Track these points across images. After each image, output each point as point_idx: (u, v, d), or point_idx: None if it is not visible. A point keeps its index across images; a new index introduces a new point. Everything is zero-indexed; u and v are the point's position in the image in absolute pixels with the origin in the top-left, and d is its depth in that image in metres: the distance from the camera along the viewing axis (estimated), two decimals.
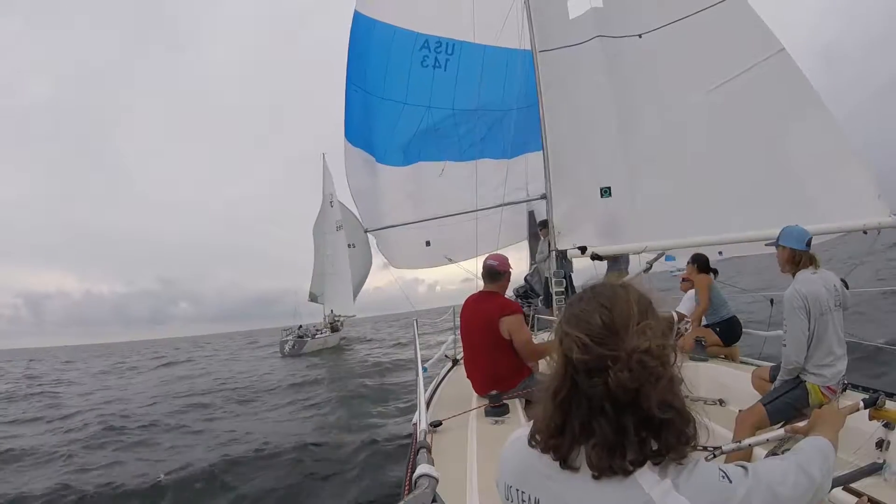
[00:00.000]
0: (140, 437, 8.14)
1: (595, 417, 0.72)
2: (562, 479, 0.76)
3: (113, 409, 11.06)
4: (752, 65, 3.79)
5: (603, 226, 4.43)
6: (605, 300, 0.77)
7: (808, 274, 2.55)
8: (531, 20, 4.65)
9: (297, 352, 23.68)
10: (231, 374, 17.79)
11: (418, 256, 6.98)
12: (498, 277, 3.22)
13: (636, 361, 0.70)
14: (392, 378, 12.42)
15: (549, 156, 4.58)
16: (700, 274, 4.47)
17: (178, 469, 6.00)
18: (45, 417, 10.90)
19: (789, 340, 2.49)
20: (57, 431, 9.26)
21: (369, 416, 8.33)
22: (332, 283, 27.24)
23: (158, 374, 20.35)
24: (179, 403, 11.27)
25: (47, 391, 16.09)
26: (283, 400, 10.86)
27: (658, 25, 4.11)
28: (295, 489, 5.18)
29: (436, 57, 6.65)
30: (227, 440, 7.45)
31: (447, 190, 6.81)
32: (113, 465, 6.60)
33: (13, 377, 23.68)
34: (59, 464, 6.90)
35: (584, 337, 0.74)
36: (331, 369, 16.64)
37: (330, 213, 27.36)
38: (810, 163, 3.67)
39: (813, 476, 0.82)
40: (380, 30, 6.47)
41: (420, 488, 1.21)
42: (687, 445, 0.72)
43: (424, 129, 6.87)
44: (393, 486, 4.74)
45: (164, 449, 7.32)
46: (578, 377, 0.74)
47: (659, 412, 0.70)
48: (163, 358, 30.82)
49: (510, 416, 2.70)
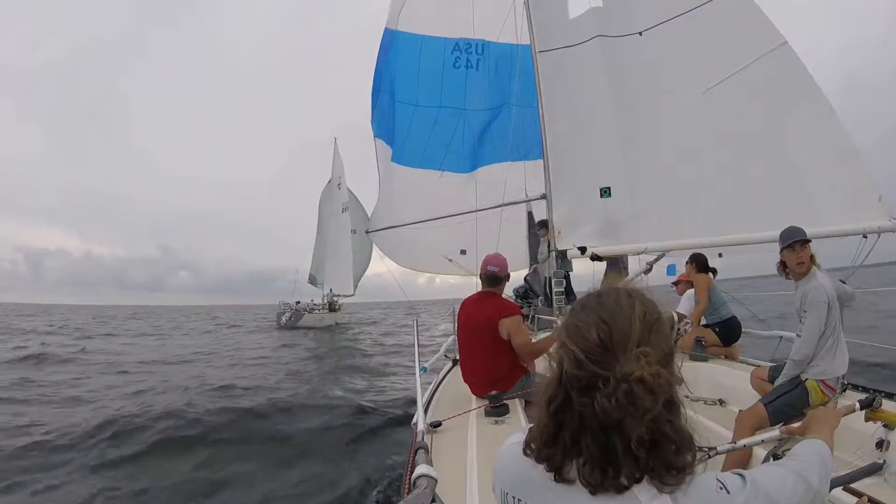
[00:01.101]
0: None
1: (584, 434, 0.70)
2: (558, 491, 0.74)
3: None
4: (754, 59, 3.71)
5: (603, 226, 4.42)
6: (606, 314, 0.73)
7: (822, 272, 2.60)
8: (531, 20, 4.65)
9: (292, 324, 24.19)
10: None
11: (433, 260, 7.04)
12: (499, 282, 3.22)
13: (623, 391, 0.65)
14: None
15: (549, 156, 4.58)
16: (699, 273, 4.47)
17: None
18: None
19: (806, 332, 2.49)
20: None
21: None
22: (332, 263, 27.62)
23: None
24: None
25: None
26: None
27: (659, 21, 4.07)
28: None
29: (467, 58, 6.76)
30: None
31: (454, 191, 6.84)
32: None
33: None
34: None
35: (578, 352, 0.70)
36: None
37: (337, 195, 27.71)
38: (811, 163, 3.63)
39: (811, 482, 0.82)
40: (408, 40, 6.64)
41: (419, 488, 1.21)
42: (683, 473, 0.69)
43: (463, 131, 6.93)
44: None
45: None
46: (571, 391, 0.71)
47: (649, 440, 0.66)
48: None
49: (510, 416, 2.69)
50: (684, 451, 0.69)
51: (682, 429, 0.70)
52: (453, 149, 6.97)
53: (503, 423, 2.61)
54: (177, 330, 28.44)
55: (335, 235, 27.28)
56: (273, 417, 6.97)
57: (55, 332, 25.15)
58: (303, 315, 25.12)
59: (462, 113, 6.93)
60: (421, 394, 2.66)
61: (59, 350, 15.61)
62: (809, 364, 2.50)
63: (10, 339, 19.90)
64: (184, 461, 5.38)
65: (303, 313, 25.31)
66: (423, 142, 6.88)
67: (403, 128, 6.87)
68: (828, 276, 2.58)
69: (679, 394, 0.72)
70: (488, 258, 3.27)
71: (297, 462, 6.09)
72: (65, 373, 11.34)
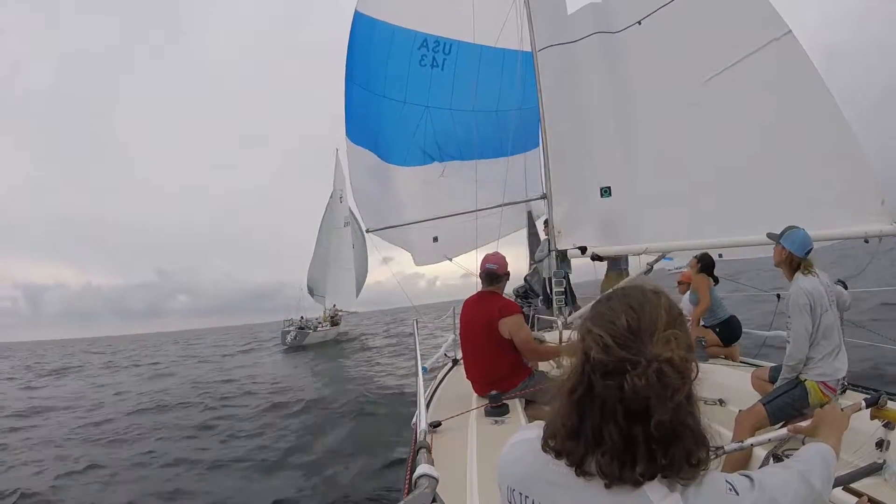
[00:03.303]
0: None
1: (606, 423, 0.70)
2: (567, 487, 0.74)
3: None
4: (756, 49, 3.56)
5: (603, 226, 4.41)
6: (635, 302, 0.75)
7: (812, 275, 2.58)
8: (531, 17, 4.64)
9: (298, 342, 24.14)
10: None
11: (430, 253, 7.05)
12: (498, 280, 3.23)
13: (655, 370, 0.67)
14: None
15: (549, 155, 4.57)
16: (700, 273, 4.46)
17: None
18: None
19: (794, 337, 2.50)
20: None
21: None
22: (334, 277, 27.72)
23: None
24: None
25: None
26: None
27: (658, 6, 3.98)
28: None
29: (433, 57, 6.68)
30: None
31: (448, 190, 6.84)
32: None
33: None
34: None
35: (606, 337, 0.71)
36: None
37: (339, 209, 27.80)
38: (814, 163, 3.57)
39: (814, 485, 0.83)
40: (380, 29, 6.49)
41: (420, 488, 1.21)
42: (697, 468, 0.70)
43: (425, 128, 6.89)
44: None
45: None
46: (595, 378, 0.72)
47: (670, 427, 0.68)
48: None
49: (510, 416, 2.70)
50: (701, 445, 0.71)
51: (700, 423, 0.72)
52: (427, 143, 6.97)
53: (503, 423, 2.61)
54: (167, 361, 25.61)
55: (336, 249, 27.41)
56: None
57: (11, 377, 22.53)
58: (308, 333, 25.03)
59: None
60: (421, 394, 2.67)
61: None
62: (810, 365, 2.50)
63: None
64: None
65: (308, 331, 25.22)
66: (401, 137, 6.88)
67: (385, 121, 6.80)
68: (818, 279, 2.55)
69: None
70: (487, 257, 3.29)
71: (297, 461, 6.11)
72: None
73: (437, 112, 6.90)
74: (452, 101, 6.89)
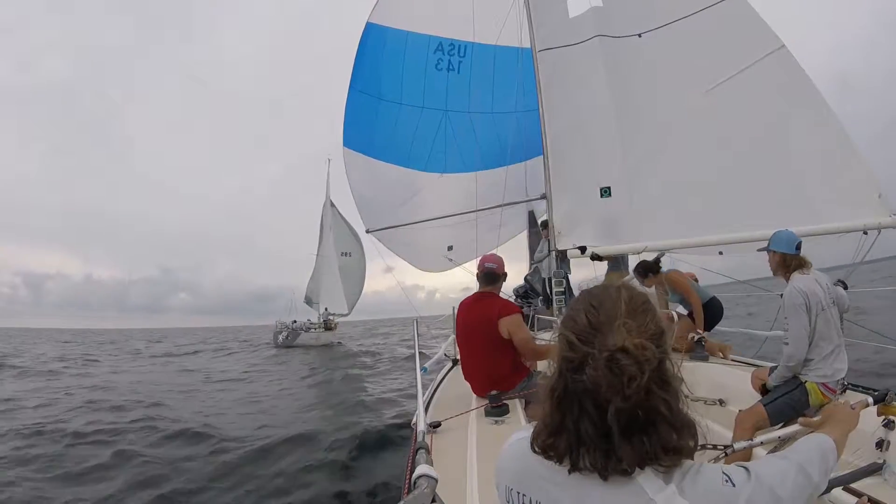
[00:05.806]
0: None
1: (582, 419, 0.72)
2: (561, 483, 0.75)
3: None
4: (752, 62, 3.76)
5: (603, 226, 4.42)
6: (595, 299, 0.78)
7: (802, 274, 2.59)
8: (531, 20, 4.65)
9: (289, 343, 24.39)
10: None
11: (436, 259, 7.04)
12: (496, 280, 3.22)
13: (606, 359, 0.69)
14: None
15: (549, 156, 4.57)
16: (657, 276, 4.35)
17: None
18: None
19: (791, 338, 2.50)
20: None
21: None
22: (327, 282, 28.13)
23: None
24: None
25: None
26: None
27: (658, 25, 4.11)
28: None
29: (449, 60, 6.70)
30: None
31: (455, 192, 6.84)
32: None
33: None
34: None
35: (570, 335, 0.75)
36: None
37: (330, 214, 28.41)
38: (811, 161, 3.64)
39: (811, 476, 0.82)
40: (392, 36, 6.52)
41: (419, 489, 1.21)
42: (678, 455, 0.70)
43: (443, 132, 6.89)
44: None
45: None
46: (567, 376, 0.74)
47: (638, 414, 0.68)
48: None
49: (510, 416, 2.69)
50: (685, 435, 0.71)
51: (680, 412, 0.72)
52: (441, 149, 6.96)
53: (503, 423, 2.61)
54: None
55: (328, 255, 27.94)
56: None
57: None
58: (299, 334, 25.36)
59: (445, 114, 6.94)
60: (421, 394, 2.66)
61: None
62: (810, 366, 2.49)
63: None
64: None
65: (299, 332, 25.56)
66: (408, 141, 6.87)
67: (389, 126, 6.80)
68: (816, 279, 2.55)
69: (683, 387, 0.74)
70: (485, 257, 3.29)
71: (296, 462, 6.10)
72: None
73: (456, 116, 6.91)
74: (470, 104, 6.91)
